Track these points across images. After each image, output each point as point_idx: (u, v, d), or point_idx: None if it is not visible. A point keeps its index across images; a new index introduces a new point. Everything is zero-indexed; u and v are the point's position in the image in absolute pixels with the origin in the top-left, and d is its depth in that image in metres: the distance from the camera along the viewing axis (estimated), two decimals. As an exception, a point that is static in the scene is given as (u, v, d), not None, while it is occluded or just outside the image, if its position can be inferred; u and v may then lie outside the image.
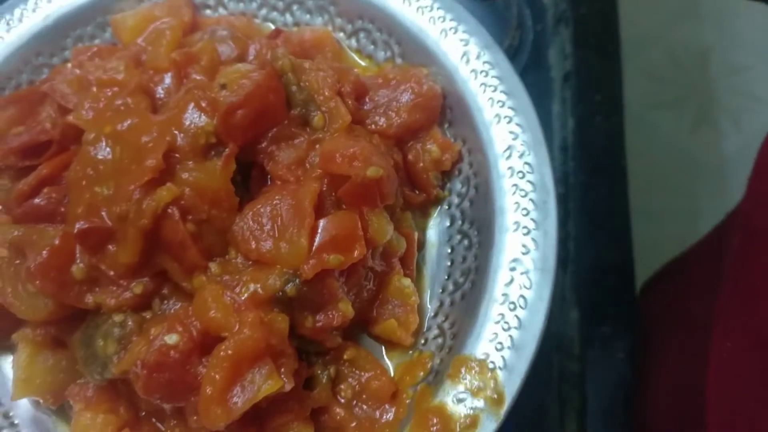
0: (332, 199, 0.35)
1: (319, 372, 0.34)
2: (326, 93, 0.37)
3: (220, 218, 0.35)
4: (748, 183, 0.41)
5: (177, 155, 0.34)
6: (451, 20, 0.40)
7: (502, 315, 0.31)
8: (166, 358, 0.32)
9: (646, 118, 1.19)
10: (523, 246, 0.32)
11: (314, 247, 0.33)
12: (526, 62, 0.61)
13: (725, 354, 0.39)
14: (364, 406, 0.35)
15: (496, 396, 0.31)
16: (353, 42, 0.44)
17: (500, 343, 0.30)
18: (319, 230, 0.33)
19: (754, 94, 1.25)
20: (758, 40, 1.28)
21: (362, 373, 0.35)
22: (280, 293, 0.33)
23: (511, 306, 0.31)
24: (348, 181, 0.35)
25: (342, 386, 0.35)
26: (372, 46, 0.44)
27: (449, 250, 0.38)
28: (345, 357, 0.35)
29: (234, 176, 0.35)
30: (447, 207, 0.39)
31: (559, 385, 0.50)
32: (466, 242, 0.37)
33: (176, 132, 0.35)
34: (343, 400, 0.34)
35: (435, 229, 0.39)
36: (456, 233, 0.37)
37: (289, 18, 0.45)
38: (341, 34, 0.44)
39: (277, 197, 0.35)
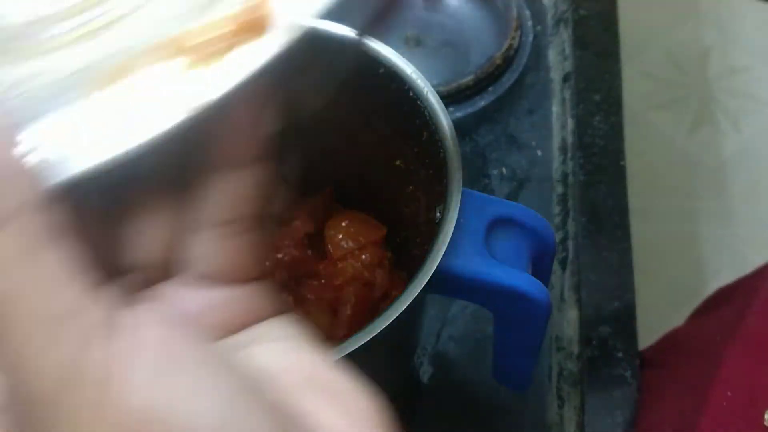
0: None
1: None
2: None
3: None
4: None
5: None
6: None
7: None
8: None
9: (646, 118, 1.20)
10: None
11: None
12: (526, 63, 0.62)
13: (725, 403, 0.40)
14: None
15: None
16: None
17: None
18: None
19: (753, 94, 1.25)
20: (758, 40, 1.28)
21: None
22: None
23: None
24: None
25: None
26: None
27: None
28: None
29: None
30: None
31: (558, 384, 0.50)
32: None
33: None
34: None
35: None
36: None
37: None
38: None
39: None
